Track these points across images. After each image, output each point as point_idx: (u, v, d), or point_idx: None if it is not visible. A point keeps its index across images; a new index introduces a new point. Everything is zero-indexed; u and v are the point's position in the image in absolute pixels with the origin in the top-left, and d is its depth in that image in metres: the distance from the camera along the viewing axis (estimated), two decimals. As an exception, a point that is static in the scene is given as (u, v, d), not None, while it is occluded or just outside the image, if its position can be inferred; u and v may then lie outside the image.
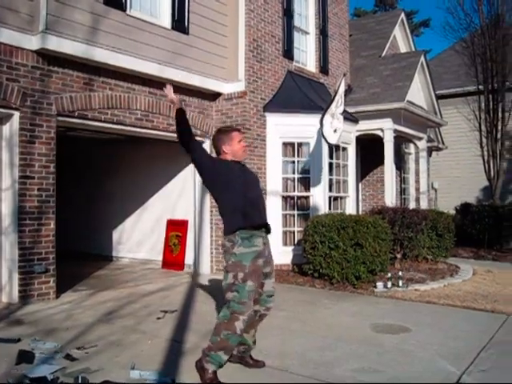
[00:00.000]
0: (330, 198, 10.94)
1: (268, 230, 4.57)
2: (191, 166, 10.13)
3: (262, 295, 4.53)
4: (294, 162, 10.68)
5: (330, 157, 10.94)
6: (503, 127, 16.96)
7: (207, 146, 9.36)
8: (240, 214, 4.35)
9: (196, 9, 9.61)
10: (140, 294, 8.14)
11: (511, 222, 15.28)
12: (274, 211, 10.12)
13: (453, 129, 20.18)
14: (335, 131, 9.50)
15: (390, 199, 12.22)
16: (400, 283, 8.60)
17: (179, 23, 9.33)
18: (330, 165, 10.96)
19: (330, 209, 10.81)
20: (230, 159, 4.54)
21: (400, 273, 8.99)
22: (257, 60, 10.36)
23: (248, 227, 4.33)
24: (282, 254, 9.90)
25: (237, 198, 4.39)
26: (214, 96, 10.30)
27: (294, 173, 10.68)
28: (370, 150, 13.62)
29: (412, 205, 14.95)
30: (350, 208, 11.65)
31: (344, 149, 11.60)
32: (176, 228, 11.06)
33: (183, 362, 4.78)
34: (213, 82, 9.97)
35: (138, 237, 11.92)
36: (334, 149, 11.05)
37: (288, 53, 11.29)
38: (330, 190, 11.03)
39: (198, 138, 9.77)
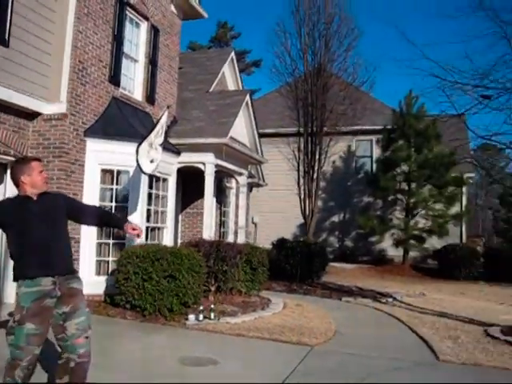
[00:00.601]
0: (147, 228, 10.81)
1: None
2: (1, 187, 9.53)
3: (67, 340, 4.18)
4: (112, 189, 10.40)
5: (150, 187, 10.85)
6: (319, 168, 18.19)
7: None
8: (17, 262, 4.12)
9: (19, 22, 9.06)
10: None
11: (322, 258, 16.31)
12: (89, 239, 9.77)
13: (274, 167, 21.14)
14: (152, 161, 9.40)
15: (209, 232, 12.32)
16: (212, 316, 8.68)
17: (-2, 34, 8.76)
18: (150, 195, 10.85)
19: (146, 239, 10.67)
20: (28, 191, 4.24)
21: (213, 305, 9.08)
22: (81, 83, 10.05)
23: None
24: (94, 284, 9.55)
25: (14, 244, 4.14)
26: (32, 115, 9.72)
27: (111, 201, 10.37)
28: (192, 183, 13.71)
29: (231, 238, 15.24)
30: (167, 239, 11.60)
31: (164, 180, 11.55)
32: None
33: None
34: (30, 100, 9.37)
35: None
36: (155, 179, 10.99)
37: (114, 79, 11.07)
38: (148, 220, 10.91)
39: (9, 158, 9.28)
